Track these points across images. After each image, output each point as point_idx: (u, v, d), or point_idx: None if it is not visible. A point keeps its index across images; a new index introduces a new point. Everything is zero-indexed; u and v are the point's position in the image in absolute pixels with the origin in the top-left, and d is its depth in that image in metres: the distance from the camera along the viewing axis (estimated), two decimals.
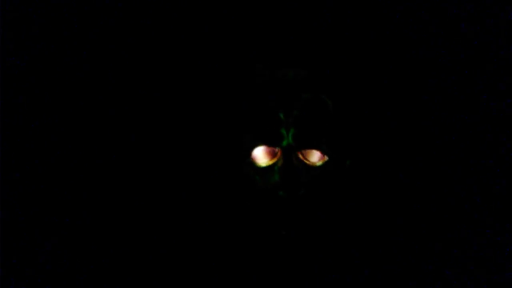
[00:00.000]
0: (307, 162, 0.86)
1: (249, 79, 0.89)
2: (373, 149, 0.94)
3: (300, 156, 0.85)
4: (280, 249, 0.92)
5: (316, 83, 0.87)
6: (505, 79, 0.96)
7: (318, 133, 0.85)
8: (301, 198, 0.86)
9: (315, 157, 0.86)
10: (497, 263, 0.93)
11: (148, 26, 0.96)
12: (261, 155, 0.86)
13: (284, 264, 0.92)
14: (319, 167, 0.86)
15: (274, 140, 0.84)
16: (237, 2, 0.95)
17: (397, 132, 0.95)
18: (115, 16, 0.97)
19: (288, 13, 0.95)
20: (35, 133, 0.97)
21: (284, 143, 0.84)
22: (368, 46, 0.95)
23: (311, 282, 0.91)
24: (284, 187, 0.85)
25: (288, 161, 0.85)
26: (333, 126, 0.86)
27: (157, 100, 0.96)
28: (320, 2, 0.95)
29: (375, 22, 0.95)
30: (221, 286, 0.91)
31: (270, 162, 0.86)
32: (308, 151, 0.85)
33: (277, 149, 0.85)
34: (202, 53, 0.95)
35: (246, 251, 0.92)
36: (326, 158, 0.86)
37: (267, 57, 0.92)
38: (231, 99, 0.90)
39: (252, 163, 0.86)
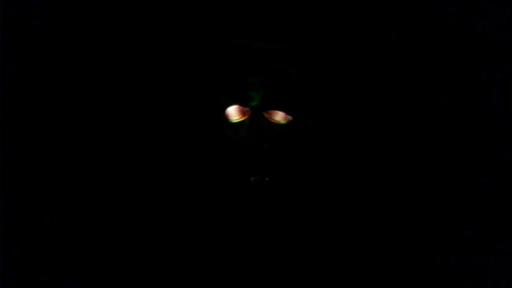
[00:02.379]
0: (273, 120, 1.00)
1: (227, 49, 1.03)
2: (334, 112, 1.08)
3: (266, 115, 1.00)
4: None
5: (286, 55, 1.01)
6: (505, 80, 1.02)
7: (282, 97, 1.00)
8: (264, 150, 1.01)
9: (279, 116, 1.01)
10: (497, 263, 0.98)
11: None
12: (233, 113, 1.01)
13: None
14: (283, 125, 1.01)
15: (244, 100, 0.99)
16: None
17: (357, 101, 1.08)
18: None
19: None
20: (34, 133, 1.04)
21: (253, 103, 0.99)
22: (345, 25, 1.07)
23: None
24: (250, 140, 1.00)
25: (255, 119, 0.99)
26: (297, 91, 1.01)
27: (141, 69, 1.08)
28: None
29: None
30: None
31: (241, 119, 1.01)
32: (273, 111, 1.00)
33: (247, 109, 1.00)
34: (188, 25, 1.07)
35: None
36: (290, 118, 1.01)
37: (246, 30, 1.06)
38: (211, 66, 1.05)
39: (226, 119, 1.01)
